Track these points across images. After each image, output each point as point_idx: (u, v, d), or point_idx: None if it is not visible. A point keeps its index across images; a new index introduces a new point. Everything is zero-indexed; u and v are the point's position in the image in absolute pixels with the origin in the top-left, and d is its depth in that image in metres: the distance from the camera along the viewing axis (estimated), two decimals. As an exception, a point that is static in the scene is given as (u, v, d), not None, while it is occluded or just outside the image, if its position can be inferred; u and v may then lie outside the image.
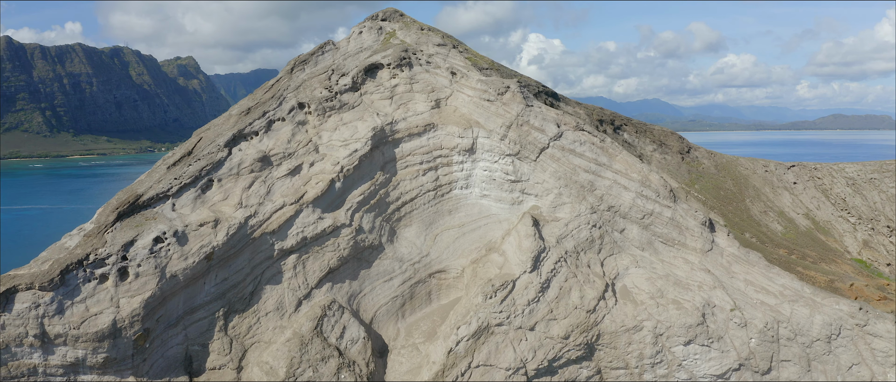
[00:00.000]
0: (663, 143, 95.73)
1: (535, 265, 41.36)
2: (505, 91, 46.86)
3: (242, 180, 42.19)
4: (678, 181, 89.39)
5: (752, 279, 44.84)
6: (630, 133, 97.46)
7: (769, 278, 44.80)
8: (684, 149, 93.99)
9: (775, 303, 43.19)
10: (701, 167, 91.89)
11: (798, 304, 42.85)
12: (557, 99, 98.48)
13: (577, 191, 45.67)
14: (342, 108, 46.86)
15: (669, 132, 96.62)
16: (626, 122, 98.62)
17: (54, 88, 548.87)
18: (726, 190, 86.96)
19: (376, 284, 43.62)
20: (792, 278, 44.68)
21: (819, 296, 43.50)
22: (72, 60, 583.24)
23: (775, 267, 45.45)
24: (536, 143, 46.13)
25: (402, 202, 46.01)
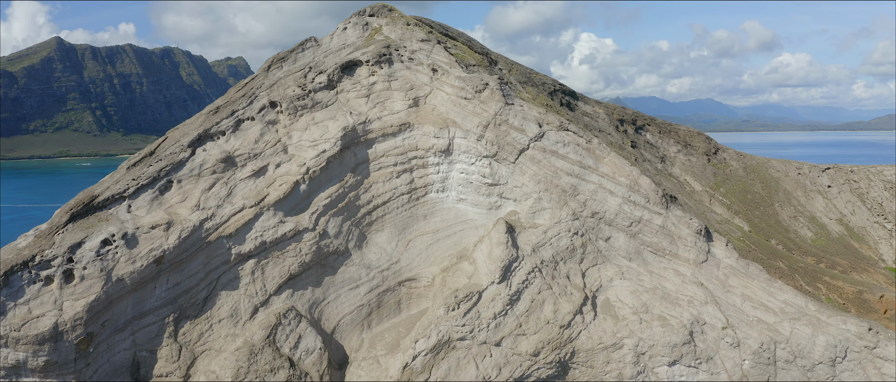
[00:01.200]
0: (689, 144, 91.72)
1: (504, 275, 39.16)
2: (483, 88, 44.79)
3: (203, 181, 41.40)
4: (702, 184, 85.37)
5: (751, 293, 41.52)
6: (653, 134, 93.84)
7: (770, 293, 41.40)
8: (711, 150, 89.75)
9: (774, 321, 39.82)
10: (728, 170, 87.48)
11: (800, 323, 39.38)
12: (576, 98, 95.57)
13: (558, 196, 43.21)
14: (315, 106, 45.66)
15: (696, 133, 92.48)
16: (650, 122, 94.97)
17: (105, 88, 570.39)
18: (754, 194, 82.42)
19: (341, 292, 42.22)
20: (795, 293, 41.16)
21: (825, 314, 39.91)
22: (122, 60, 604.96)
23: (778, 281, 41.97)
24: (515, 144, 43.88)
25: (374, 206, 44.48)
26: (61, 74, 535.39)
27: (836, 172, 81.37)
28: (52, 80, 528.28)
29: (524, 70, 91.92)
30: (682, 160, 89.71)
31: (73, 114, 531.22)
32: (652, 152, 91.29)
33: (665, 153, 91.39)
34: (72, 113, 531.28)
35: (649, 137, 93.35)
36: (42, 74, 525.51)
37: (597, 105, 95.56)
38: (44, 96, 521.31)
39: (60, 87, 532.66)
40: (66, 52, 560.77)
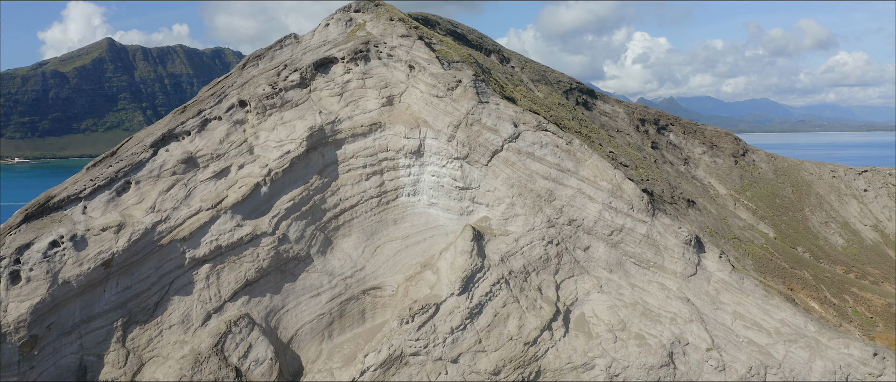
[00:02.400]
0: (715, 145, 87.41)
1: (465, 286, 37.10)
2: (455, 86, 42.77)
3: (162, 182, 40.78)
4: (727, 187, 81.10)
5: (744, 311, 38.27)
6: (677, 134, 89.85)
7: (765, 310, 38.07)
8: (739, 151, 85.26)
9: (767, 343, 36.53)
10: (757, 172, 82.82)
11: (796, 345, 36.01)
12: (594, 97, 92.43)
13: (533, 201, 40.83)
14: (284, 106, 44.55)
15: (723, 133, 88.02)
16: (674, 122, 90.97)
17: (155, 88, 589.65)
18: (783, 198, 77.66)
19: (302, 299, 40.93)
20: (795, 311, 37.71)
21: (826, 336, 36.40)
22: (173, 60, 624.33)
23: (775, 298, 38.55)
24: (488, 145, 41.70)
25: (341, 210, 43.04)
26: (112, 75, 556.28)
27: (873, 174, 75.81)
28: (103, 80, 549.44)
29: (538, 68, 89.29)
30: (708, 162, 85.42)
31: (123, 113, 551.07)
32: (674, 153, 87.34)
33: (689, 155, 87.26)
34: (122, 113, 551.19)
35: (672, 138, 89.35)
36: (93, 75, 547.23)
37: (617, 104, 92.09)
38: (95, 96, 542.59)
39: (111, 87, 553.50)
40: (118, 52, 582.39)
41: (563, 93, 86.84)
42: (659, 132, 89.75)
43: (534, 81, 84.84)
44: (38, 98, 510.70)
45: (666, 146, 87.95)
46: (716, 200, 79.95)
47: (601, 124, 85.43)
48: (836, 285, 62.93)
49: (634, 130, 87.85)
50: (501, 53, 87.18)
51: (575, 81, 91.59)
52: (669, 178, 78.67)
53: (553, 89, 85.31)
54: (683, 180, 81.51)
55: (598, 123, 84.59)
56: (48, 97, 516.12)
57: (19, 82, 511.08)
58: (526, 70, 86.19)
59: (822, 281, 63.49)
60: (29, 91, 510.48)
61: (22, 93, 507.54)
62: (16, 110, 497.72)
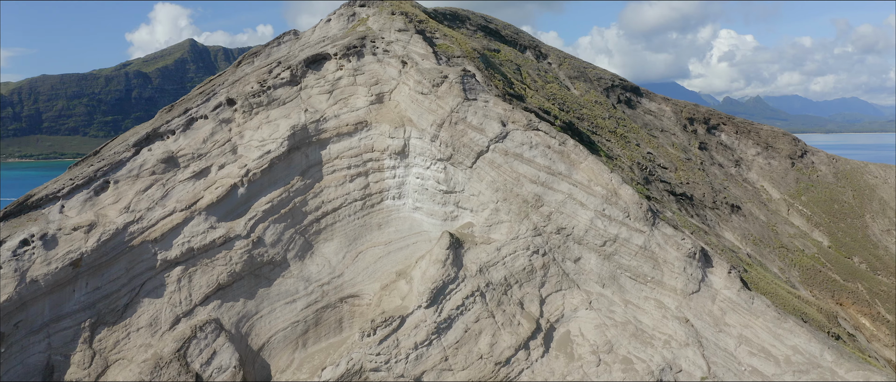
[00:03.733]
0: (770, 146, 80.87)
1: (434, 299, 34.60)
2: (441, 82, 40.21)
3: (141, 182, 40.40)
4: (780, 191, 74.68)
5: (752, 335, 33.96)
6: (729, 134, 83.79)
7: (777, 335, 33.62)
8: (796, 153, 78.42)
9: (774, 373, 32.16)
10: (815, 175, 75.74)
11: (807, 376, 31.55)
12: (639, 94, 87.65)
13: (518, 207, 37.77)
14: (271, 104, 43.37)
15: (780, 133, 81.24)
16: (726, 121, 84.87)
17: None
18: (842, 203, 70.49)
19: (276, 305, 39.58)
20: (810, 337, 33.09)
21: (844, 367, 31.70)
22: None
23: (789, 320, 33.99)
24: (473, 145, 38.94)
25: (324, 213, 41.42)
26: (194, 75, 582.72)
27: (950, 182, 67.50)
28: (185, 80, 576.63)
29: (578, 65, 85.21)
30: (761, 164, 78.92)
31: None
32: (725, 154, 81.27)
33: (741, 156, 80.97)
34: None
35: (724, 138, 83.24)
36: (175, 75, 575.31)
37: (664, 102, 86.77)
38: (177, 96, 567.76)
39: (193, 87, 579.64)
40: (199, 53, 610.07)
41: (603, 90, 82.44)
42: (709, 132, 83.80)
43: (571, 77, 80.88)
44: (121, 98, 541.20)
45: (716, 147, 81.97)
46: (767, 205, 73.62)
47: (644, 124, 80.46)
48: (893, 300, 56.13)
49: (681, 130, 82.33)
50: (539, 49, 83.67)
51: (618, 77, 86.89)
52: (714, 181, 72.97)
53: (591, 87, 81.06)
54: (732, 184, 75.51)
55: (639, 123, 79.69)
56: (131, 97, 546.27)
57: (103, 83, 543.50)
58: (563, 67, 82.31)
59: (877, 295, 56.86)
60: (112, 91, 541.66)
61: (105, 93, 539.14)
62: (99, 110, 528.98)
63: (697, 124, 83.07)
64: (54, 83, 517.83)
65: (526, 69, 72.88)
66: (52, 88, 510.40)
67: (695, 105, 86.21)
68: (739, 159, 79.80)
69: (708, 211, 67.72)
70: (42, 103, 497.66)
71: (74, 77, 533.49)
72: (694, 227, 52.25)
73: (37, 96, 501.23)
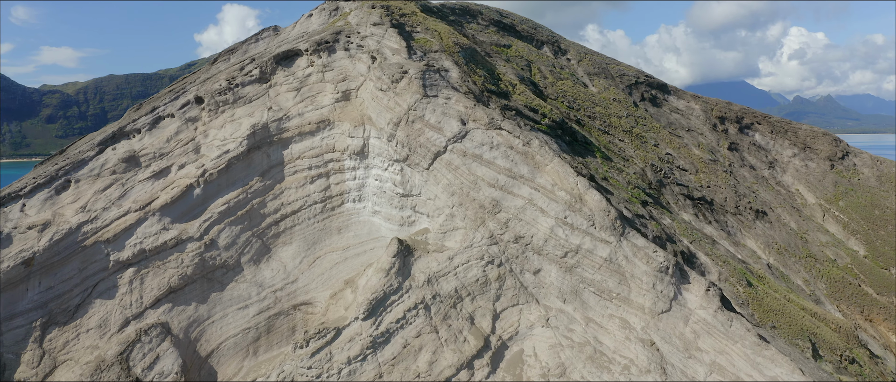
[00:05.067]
0: (808, 146, 73.86)
1: (373, 311, 31.80)
2: (400, 78, 37.26)
3: (101, 181, 39.40)
4: (816, 196, 67.91)
5: (727, 363, 29.57)
6: (763, 134, 77.20)
7: (756, 364, 29.16)
8: (837, 155, 71.18)
9: (743, 410, 27.72)
10: (856, 178, 68.44)
11: (781, 418, 26.96)
12: (666, 92, 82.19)
13: (475, 212, 34.42)
14: (237, 102, 41.59)
15: (820, 133, 74.02)
16: (761, 120, 78.20)
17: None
18: (884, 209, 63.24)
19: (229, 311, 37.77)
20: (794, 368, 28.51)
21: (826, 410, 26.93)
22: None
23: (771, 348, 29.39)
24: (429, 146, 35.82)
25: (283, 216, 39.32)
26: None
27: None
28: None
29: (599, 61, 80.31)
30: (797, 166, 72.04)
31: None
32: (758, 155, 74.75)
33: (776, 157, 74.25)
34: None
35: (758, 138, 76.60)
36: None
37: (693, 100, 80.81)
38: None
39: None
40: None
41: (625, 87, 77.29)
42: (741, 132, 77.32)
43: (591, 74, 76.14)
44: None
45: (748, 148, 75.48)
46: (801, 210, 66.95)
47: (668, 122, 74.91)
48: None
49: (710, 130, 76.28)
50: (558, 45, 79.32)
51: (643, 74, 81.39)
52: (741, 184, 66.95)
53: (613, 84, 76.11)
54: (763, 187, 69.18)
55: (663, 122, 74.21)
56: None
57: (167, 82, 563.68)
58: (583, 63, 77.64)
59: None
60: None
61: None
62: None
63: (729, 123, 76.67)
64: (119, 83, 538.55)
65: (538, 65, 68.81)
66: (118, 87, 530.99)
67: (727, 103, 79.71)
68: (774, 161, 73.09)
69: (729, 217, 61.98)
70: (107, 103, 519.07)
71: (139, 77, 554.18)
72: (695, 236, 47.27)
73: (102, 96, 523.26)
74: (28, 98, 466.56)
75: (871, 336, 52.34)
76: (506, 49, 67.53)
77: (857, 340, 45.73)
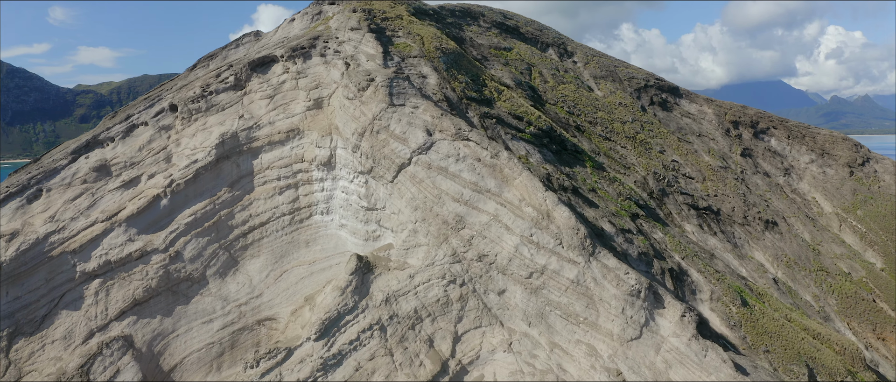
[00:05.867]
0: (827, 152, 69.89)
1: (325, 331, 30.34)
2: (366, 86, 35.61)
3: (71, 190, 38.79)
4: (834, 204, 64.16)
5: (694, 398, 27.14)
6: (779, 139, 73.46)
7: (725, 402, 26.64)
8: (856, 161, 67.10)
9: (709, 451, 25.38)
10: (877, 186, 64.37)
11: (749, 462, 24.54)
12: (678, 95, 78.95)
13: (438, 228, 32.58)
14: (210, 109, 40.54)
15: (840, 138, 69.93)
16: (777, 125, 74.40)
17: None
18: (906, 224, 58.99)
19: (193, 325, 36.78)
20: (766, 409, 25.91)
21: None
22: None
23: (748, 380, 26.86)
24: (394, 157, 34.08)
25: (251, 227, 38.16)
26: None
27: None
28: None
29: (606, 64, 77.37)
30: (815, 173, 68.14)
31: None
32: (773, 162, 71.03)
33: (792, 164, 70.42)
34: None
35: (774, 144, 72.82)
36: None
37: (706, 104, 77.34)
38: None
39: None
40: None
41: (634, 91, 74.27)
42: (756, 137, 73.56)
43: (597, 77, 73.36)
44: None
45: (763, 154, 71.76)
46: (816, 220, 63.22)
47: (677, 128, 71.71)
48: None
49: (722, 135, 72.80)
50: (564, 47, 76.69)
51: (654, 77, 78.13)
52: (753, 193, 63.55)
53: (620, 87, 73.17)
54: (776, 195, 65.58)
55: (673, 127, 71.04)
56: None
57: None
58: (590, 66, 74.87)
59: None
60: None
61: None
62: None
63: (743, 128, 72.98)
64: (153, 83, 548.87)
65: (540, 68, 66.44)
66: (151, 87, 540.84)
67: (742, 107, 75.97)
68: (790, 168, 69.27)
69: (736, 227, 58.76)
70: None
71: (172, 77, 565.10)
72: (688, 251, 44.47)
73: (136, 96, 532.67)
74: (61, 98, 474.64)
75: (882, 356, 48.79)
76: (506, 52, 65.31)
77: (864, 362, 42.44)
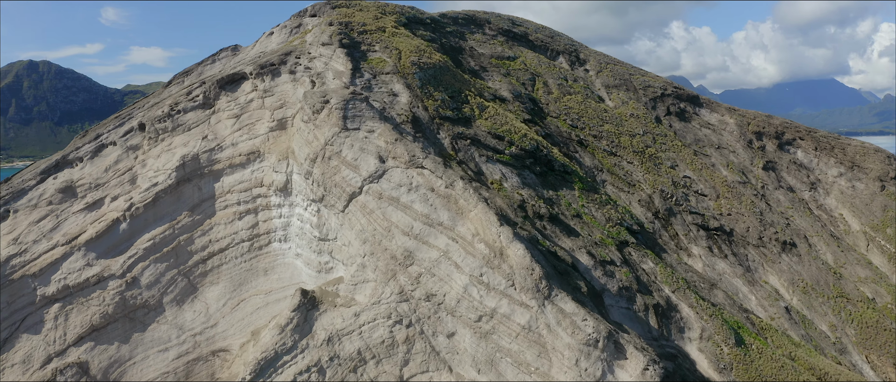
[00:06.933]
0: (857, 165, 64.47)
1: (260, 371, 28.66)
2: (321, 108, 33.53)
3: (37, 212, 38.12)
4: (862, 222, 59.09)
5: (647, 467, 24.09)
6: (806, 151, 68.24)
7: None
8: (889, 174, 61.65)
9: None
10: (911, 206, 58.52)
11: None
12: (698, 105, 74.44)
13: (386, 264, 30.24)
14: (176, 129, 39.25)
15: (872, 150, 64.30)
16: (804, 135, 69.13)
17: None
18: (941, 248, 53.39)
19: (149, 353, 35.59)
20: None
21: None
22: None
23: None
24: (345, 185, 31.90)
25: (210, 253, 36.74)
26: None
27: None
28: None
29: (621, 72, 73.33)
30: (843, 187, 62.77)
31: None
32: (798, 176, 65.88)
33: (819, 177, 65.10)
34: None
35: (800, 156, 67.55)
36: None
37: (727, 113, 72.57)
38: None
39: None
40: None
41: (649, 101, 70.09)
42: (781, 149, 68.42)
43: (609, 86, 69.51)
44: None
45: (787, 167, 66.64)
46: (841, 239, 58.10)
47: (694, 140, 67.32)
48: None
49: (744, 147, 68.02)
50: (577, 55, 73.04)
51: (672, 85, 73.60)
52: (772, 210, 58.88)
53: (634, 97, 69.15)
54: (799, 212, 60.67)
55: (690, 139, 66.70)
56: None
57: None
58: (602, 74, 71.03)
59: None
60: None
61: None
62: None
63: (767, 139, 67.88)
64: None
65: (545, 78, 63.17)
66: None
67: (767, 116, 70.72)
68: (816, 182, 63.96)
69: (750, 249, 54.41)
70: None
71: None
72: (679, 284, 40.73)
73: None
74: (109, 98, 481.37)
75: (904, 399, 43.92)
76: (509, 62, 62.23)
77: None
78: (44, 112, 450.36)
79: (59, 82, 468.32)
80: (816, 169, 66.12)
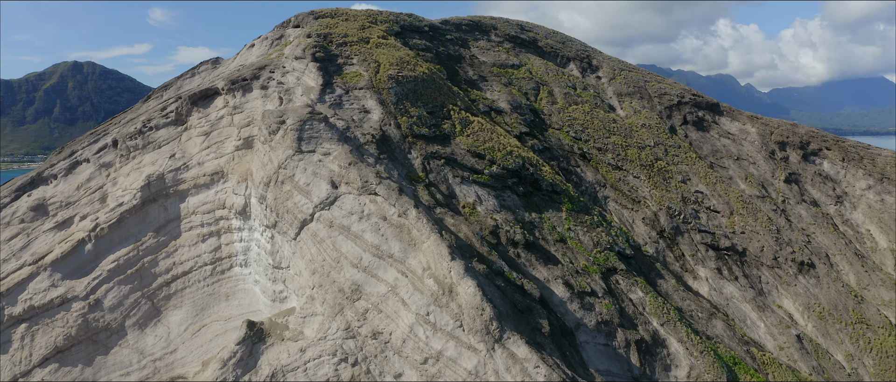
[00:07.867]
0: (887, 177, 59.89)
1: (197, 410, 26.92)
2: (276, 129, 31.77)
3: (9, 230, 37.75)
4: (889, 238, 54.75)
5: None
6: (833, 161, 63.74)
7: None
8: (923, 191, 56.41)
9: None
10: (945, 226, 53.57)
11: None
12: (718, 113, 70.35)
13: (334, 297, 28.40)
14: (147, 147, 38.32)
15: (905, 161, 59.08)
16: (830, 145, 64.62)
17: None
18: (976, 274, 48.55)
19: (112, 376, 34.76)
20: None
21: None
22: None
23: None
24: (297, 211, 30.17)
25: (174, 276, 35.68)
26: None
27: None
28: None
29: (635, 79, 69.77)
30: (871, 201, 58.13)
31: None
32: (823, 188, 61.45)
33: (846, 190, 60.53)
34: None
35: (826, 167, 62.99)
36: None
37: (749, 122, 68.42)
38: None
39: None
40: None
41: (664, 109, 66.45)
42: (805, 159, 63.95)
43: (621, 95, 66.11)
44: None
45: (812, 179, 62.17)
46: (867, 258, 53.70)
47: (712, 150, 63.50)
48: None
49: (765, 158, 63.84)
50: (589, 62, 69.81)
51: (690, 92, 69.59)
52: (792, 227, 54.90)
53: (648, 105, 65.65)
54: (821, 229, 56.39)
55: (706, 150, 62.94)
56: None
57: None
58: (615, 81, 67.69)
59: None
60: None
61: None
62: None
63: (791, 150, 63.42)
64: None
65: (551, 87, 60.31)
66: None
67: (792, 125, 66.09)
68: (842, 195, 59.30)
69: (764, 271, 50.72)
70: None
71: None
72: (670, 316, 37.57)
73: None
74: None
75: (923, 444, 39.76)
76: (512, 70, 59.50)
77: None
78: (88, 112, 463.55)
79: (103, 83, 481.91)
80: (843, 181, 61.33)
